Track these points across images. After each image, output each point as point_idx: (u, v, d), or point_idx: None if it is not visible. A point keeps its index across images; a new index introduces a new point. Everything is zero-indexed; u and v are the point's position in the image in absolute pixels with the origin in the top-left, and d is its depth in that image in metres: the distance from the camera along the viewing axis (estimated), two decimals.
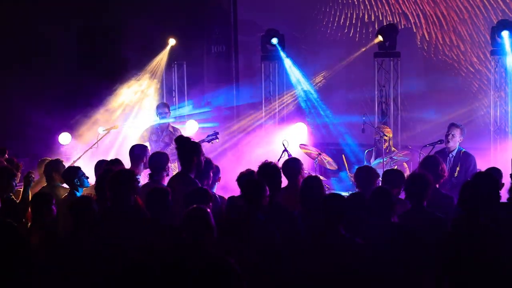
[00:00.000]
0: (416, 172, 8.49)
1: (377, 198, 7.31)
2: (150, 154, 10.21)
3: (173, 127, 13.91)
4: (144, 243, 7.35)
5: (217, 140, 13.03)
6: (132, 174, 8.25)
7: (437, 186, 9.04)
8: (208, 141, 12.95)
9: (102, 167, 9.70)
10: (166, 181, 9.57)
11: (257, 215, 7.43)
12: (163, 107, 14.01)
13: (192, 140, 9.33)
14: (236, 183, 8.54)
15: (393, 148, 13.35)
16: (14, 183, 9.57)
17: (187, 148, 9.12)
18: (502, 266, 6.77)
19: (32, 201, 8.69)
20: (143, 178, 9.90)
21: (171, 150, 12.59)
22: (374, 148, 13.26)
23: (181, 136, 9.61)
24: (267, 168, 8.33)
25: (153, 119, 14.52)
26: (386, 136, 12.99)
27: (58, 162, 10.36)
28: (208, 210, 6.61)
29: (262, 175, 8.21)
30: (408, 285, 7.09)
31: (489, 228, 6.89)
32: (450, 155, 11.54)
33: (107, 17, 16.20)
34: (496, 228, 6.95)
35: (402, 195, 8.44)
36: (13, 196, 9.56)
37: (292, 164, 9.26)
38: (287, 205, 8.24)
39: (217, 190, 9.66)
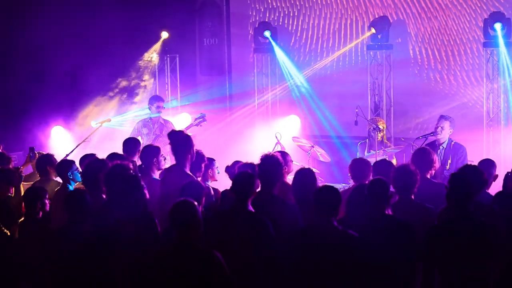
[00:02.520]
0: (402, 165, 8.50)
1: (374, 189, 7.30)
2: (142, 147, 10.22)
3: (164, 119, 13.90)
4: (135, 236, 7.37)
5: (205, 122, 13.05)
6: (127, 168, 8.23)
7: (429, 177, 9.10)
8: (197, 125, 12.97)
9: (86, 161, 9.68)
10: (156, 173, 9.56)
11: (246, 207, 7.42)
12: (159, 101, 13.93)
13: (184, 133, 9.31)
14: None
15: (385, 141, 13.38)
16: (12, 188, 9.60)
17: (181, 142, 9.10)
18: (489, 256, 6.80)
19: (25, 196, 8.69)
20: None
21: (162, 142, 12.60)
22: (367, 139, 13.27)
23: (174, 131, 9.57)
24: (269, 159, 8.28)
25: (144, 112, 14.53)
26: (381, 126, 13.00)
27: (51, 156, 10.36)
28: (195, 203, 6.59)
29: (262, 166, 8.17)
30: (401, 277, 7.10)
31: (476, 219, 6.92)
32: (441, 147, 11.56)
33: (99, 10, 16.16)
34: (484, 219, 6.98)
35: None
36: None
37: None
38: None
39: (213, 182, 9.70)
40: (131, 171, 8.31)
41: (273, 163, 8.13)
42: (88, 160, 9.52)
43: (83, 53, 15.51)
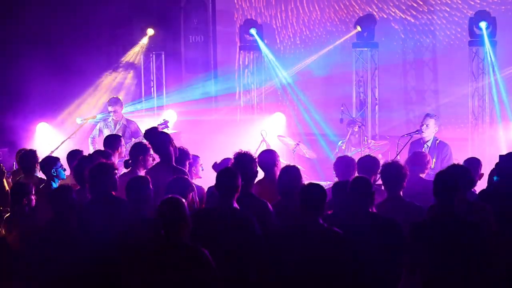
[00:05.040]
0: (390, 161, 8.51)
1: (356, 187, 7.30)
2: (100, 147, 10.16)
3: (127, 120, 13.47)
4: (122, 234, 7.35)
5: (167, 128, 12.90)
6: (111, 166, 8.21)
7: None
8: None
9: (75, 157, 9.62)
10: (142, 172, 9.51)
11: (231, 204, 7.41)
12: (110, 105, 13.61)
13: (158, 130, 9.30)
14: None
15: (365, 141, 13.43)
16: None
17: (160, 140, 9.09)
18: (474, 255, 6.81)
19: (11, 191, 8.66)
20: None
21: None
22: (346, 140, 13.38)
23: (149, 131, 9.50)
24: (242, 157, 8.26)
25: (129, 110, 14.44)
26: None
27: (34, 152, 10.27)
28: (183, 200, 6.58)
29: (237, 164, 8.15)
30: (386, 275, 7.10)
31: (459, 217, 6.92)
32: (426, 145, 11.57)
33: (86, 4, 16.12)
34: (469, 217, 7.00)
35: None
36: None
37: (268, 156, 9.20)
38: (262, 197, 8.23)
39: (198, 180, 9.67)
40: (115, 171, 8.28)
41: (248, 161, 8.13)
42: (75, 156, 9.51)
43: (68, 49, 15.44)
